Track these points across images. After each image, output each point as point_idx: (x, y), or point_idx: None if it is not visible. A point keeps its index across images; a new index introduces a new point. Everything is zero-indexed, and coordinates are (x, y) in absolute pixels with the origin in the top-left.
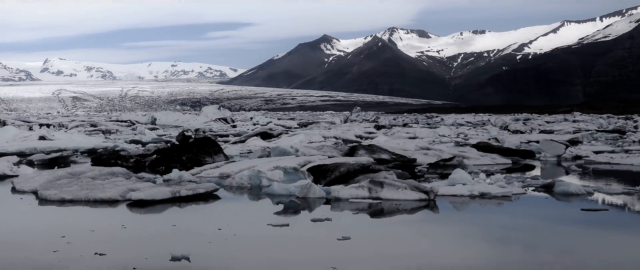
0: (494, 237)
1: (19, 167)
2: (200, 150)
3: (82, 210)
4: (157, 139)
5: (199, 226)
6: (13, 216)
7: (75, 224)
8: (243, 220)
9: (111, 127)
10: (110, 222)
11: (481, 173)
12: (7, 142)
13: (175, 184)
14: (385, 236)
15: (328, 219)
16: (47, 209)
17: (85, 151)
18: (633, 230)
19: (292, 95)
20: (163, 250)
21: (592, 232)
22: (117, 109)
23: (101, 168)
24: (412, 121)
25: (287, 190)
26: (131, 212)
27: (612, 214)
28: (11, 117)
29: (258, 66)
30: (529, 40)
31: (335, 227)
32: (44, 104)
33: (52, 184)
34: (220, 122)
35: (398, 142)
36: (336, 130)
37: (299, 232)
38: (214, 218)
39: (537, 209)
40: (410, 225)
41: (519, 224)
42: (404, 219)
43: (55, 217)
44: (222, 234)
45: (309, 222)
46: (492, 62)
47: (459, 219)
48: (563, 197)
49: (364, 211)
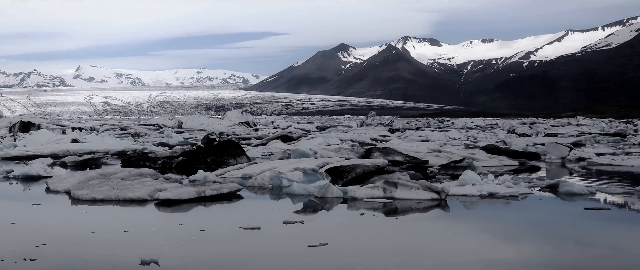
0: (502, 234)
1: (53, 169)
2: (224, 153)
3: (112, 209)
4: (184, 142)
5: (223, 224)
6: (48, 215)
7: (106, 222)
8: (264, 219)
9: (140, 130)
10: (138, 220)
11: (490, 174)
12: (42, 145)
13: (201, 184)
14: (400, 232)
15: (362, 215)
16: (79, 208)
17: (115, 153)
18: (634, 228)
19: (311, 101)
20: (182, 245)
21: (594, 229)
22: (146, 114)
23: (130, 169)
24: (424, 125)
25: (306, 190)
26: (159, 211)
27: (613, 212)
28: (46, 121)
29: (279, 73)
30: (535, 48)
31: (354, 223)
32: (76, 109)
33: (84, 185)
34: (243, 125)
35: (411, 145)
36: (352, 134)
37: (317, 229)
38: (237, 216)
39: (543, 208)
40: (423, 222)
41: (525, 222)
42: (417, 217)
43: (86, 216)
44: (244, 231)
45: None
46: (500, 69)
47: (468, 217)
48: (567, 197)
49: (379, 210)
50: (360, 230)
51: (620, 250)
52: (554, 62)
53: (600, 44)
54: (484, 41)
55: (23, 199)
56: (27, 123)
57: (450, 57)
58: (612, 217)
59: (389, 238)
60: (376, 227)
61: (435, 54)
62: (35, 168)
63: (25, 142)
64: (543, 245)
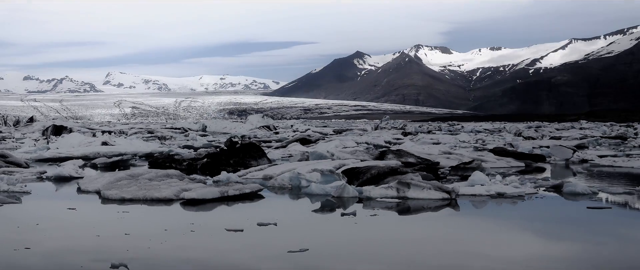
0: (509, 231)
1: (84, 170)
2: (246, 155)
3: (140, 208)
4: (208, 145)
5: (244, 221)
6: (79, 213)
7: (134, 219)
8: (284, 217)
9: (166, 133)
10: (165, 218)
11: (497, 175)
12: (73, 147)
13: (224, 184)
14: (412, 229)
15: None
16: (108, 207)
17: (143, 155)
18: (634, 225)
19: (328, 105)
20: (203, 242)
21: (597, 227)
22: (172, 118)
23: (157, 170)
24: (435, 128)
25: (323, 190)
26: (184, 210)
27: (615, 211)
28: (77, 125)
29: (298, 79)
30: (541, 56)
31: (372, 221)
32: (106, 113)
33: (113, 185)
34: (264, 129)
35: (423, 147)
36: (368, 137)
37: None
38: (258, 215)
39: (548, 207)
40: (434, 220)
41: (531, 221)
42: (429, 215)
43: (115, 214)
44: (261, 229)
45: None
46: (507, 75)
47: (478, 215)
48: (571, 197)
49: (392, 209)
50: (376, 228)
51: (621, 246)
52: (558, 69)
53: (602, 52)
54: (492, 49)
55: (56, 198)
56: (60, 127)
57: (460, 64)
58: (614, 215)
59: (402, 234)
60: (390, 224)
61: (446, 61)
62: (67, 169)
63: (58, 144)
64: (548, 242)
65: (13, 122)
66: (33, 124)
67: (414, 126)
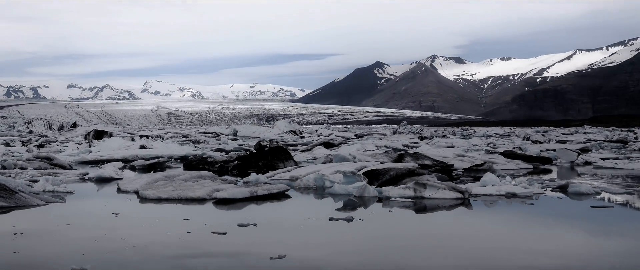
0: (518, 228)
1: (123, 171)
2: (274, 157)
3: (175, 207)
4: (238, 148)
5: (273, 219)
6: (119, 211)
7: (170, 217)
8: (309, 215)
9: (200, 138)
10: (198, 216)
11: (507, 176)
12: (113, 151)
13: (253, 185)
14: (428, 226)
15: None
16: (146, 206)
17: (178, 158)
18: (635, 223)
19: (350, 112)
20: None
21: (599, 225)
22: (205, 123)
23: (191, 172)
24: (450, 133)
25: (346, 190)
26: (216, 208)
27: (616, 210)
28: (117, 130)
29: (322, 87)
30: (548, 65)
31: (390, 218)
32: (143, 119)
33: (151, 185)
34: (291, 133)
35: (438, 150)
36: (387, 141)
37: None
38: (285, 213)
39: (554, 206)
40: (449, 218)
41: (539, 218)
42: (444, 213)
43: (153, 212)
44: (290, 226)
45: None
46: (516, 84)
47: (489, 213)
48: (575, 196)
49: (410, 207)
50: (396, 224)
51: (622, 242)
52: (564, 78)
53: (604, 62)
54: (502, 59)
55: (97, 197)
56: (101, 131)
57: (473, 74)
58: (616, 214)
59: (419, 230)
60: (409, 221)
61: (459, 71)
62: (107, 171)
63: (99, 148)
64: (554, 238)
65: (57, 127)
66: (76, 129)
67: (429, 131)
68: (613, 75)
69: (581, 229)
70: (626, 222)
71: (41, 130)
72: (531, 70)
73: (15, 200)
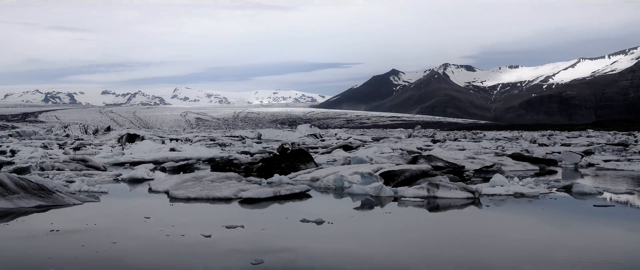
0: (526, 225)
1: (154, 173)
2: (295, 159)
3: (203, 206)
4: (262, 150)
5: (294, 217)
6: (150, 209)
7: (198, 214)
8: (329, 213)
9: (226, 141)
10: (224, 214)
11: (515, 177)
12: (145, 153)
13: (276, 185)
14: (442, 223)
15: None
16: (176, 205)
17: (206, 160)
18: (635, 220)
19: (367, 116)
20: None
21: (602, 222)
22: (231, 127)
23: (218, 173)
24: (461, 136)
25: (363, 191)
26: (241, 207)
27: (618, 208)
28: (148, 133)
29: (341, 93)
30: (553, 73)
31: (406, 216)
32: (173, 123)
33: (180, 186)
34: (312, 137)
35: (450, 153)
36: (402, 144)
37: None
38: (306, 211)
39: (559, 205)
40: (460, 216)
41: (545, 216)
42: (455, 212)
43: (182, 210)
44: (310, 223)
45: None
46: (523, 90)
47: (498, 211)
48: (579, 196)
49: (424, 206)
50: (412, 221)
51: (623, 238)
52: (568, 85)
53: (606, 69)
54: (510, 67)
55: (130, 196)
56: (133, 135)
57: (483, 81)
58: (617, 212)
59: (432, 227)
60: (423, 218)
61: (470, 78)
62: (139, 172)
63: (131, 150)
64: (560, 235)
65: (92, 131)
66: (110, 133)
67: (442, 134)
68: (614, 82)
69: (585, 226)
70: (627, 220)
71: (77, 134)
72: (537, 77)
73: (53, 199)
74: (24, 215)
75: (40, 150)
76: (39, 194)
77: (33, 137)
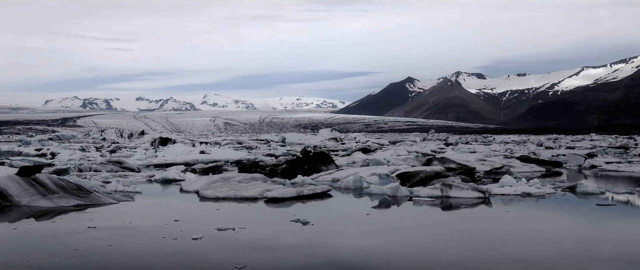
0: (533, 222)
1: (185, 174)
2: (317, 161)
3: (230, 205)
4: (286, 153)
5: (316, 214)
6: (182, 208)
7: (226, 213)
8: (349, 212)
9: (253, 144)
10: (251, 212)
11: (523, 178)
12: (176, 155)
13: (299, 185)
14: (455, 220)
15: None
16: (205, 204)
17: (233, 162)
18: (635, 219)
19: (384, 121)
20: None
21: (604, 220)
22: (257, 131)
23: (245, 174)
24: (472, 140)
25: (381, 191)
26: (267, 206)
27: (619, 207)
28: (180, 137)
29: (360, 100)
30: (558, 80)
31: (421, 214)
32: (203, 127)
33: (209, 186)
34: (332, 140)
35: (462, 155)
36: (417, 147)
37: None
38: (328, 210)
39: (564, 204)
40: (472, 214)
41: (551, 215)
42: (467, 210)
43: (212, 209)
44: (334, 219)
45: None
46: (531, 96)
47: (507, 210)
48: (583, 196)
49: (438, 205)
50: (427, 219)
51: (624, 235)
52: (572, 92)
53: (608, 77)
54: (519, 75)
55: (162, 196)
56: (165, 138)
57: (493, 88)
58: (618, 211)
59: (446, 224)
60: (437, 216)
61: (481, 85)
62: (171, 173)
63: (164, 153)
64: (565, 232)
65: (127, 135)
66: (143, 136)
67: (454, 138)
68: (616, 89)
69: (588, 224)
70: (628, 218)
71: (113, 137)
72: (544, 84)
73: (90, 199)
74: (64, 213)
75: (78, 153)
76: (78, 193)
77: (72, 141)
